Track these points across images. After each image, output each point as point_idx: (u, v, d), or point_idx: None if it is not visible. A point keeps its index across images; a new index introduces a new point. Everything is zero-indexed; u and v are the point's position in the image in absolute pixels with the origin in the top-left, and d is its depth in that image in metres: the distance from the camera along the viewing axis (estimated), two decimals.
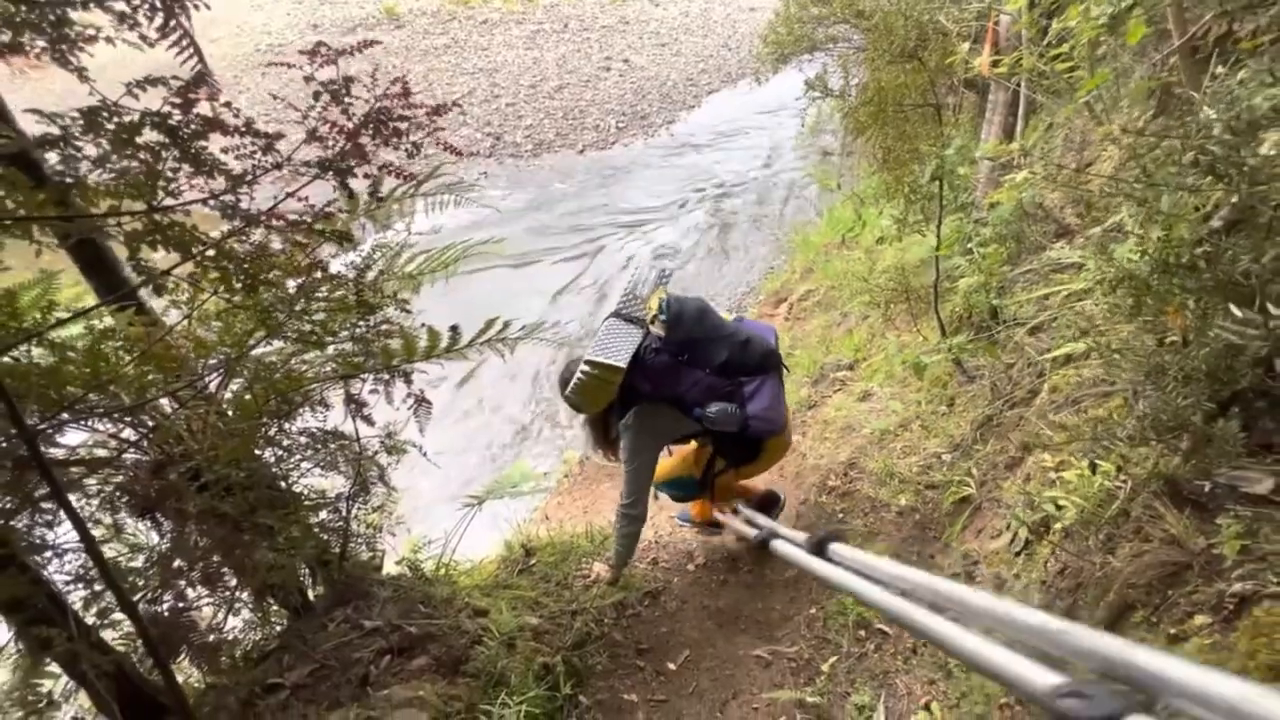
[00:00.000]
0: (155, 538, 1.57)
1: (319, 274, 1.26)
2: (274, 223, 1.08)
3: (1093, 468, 1.28)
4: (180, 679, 1.80)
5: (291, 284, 1.30)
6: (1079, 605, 1.24)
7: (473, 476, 5.96)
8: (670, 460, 2.61)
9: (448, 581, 2.17)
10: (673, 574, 2.80)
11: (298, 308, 1.32)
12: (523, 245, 9.55)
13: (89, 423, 1.28)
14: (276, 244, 1.22)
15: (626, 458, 2.34)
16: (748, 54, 14.51)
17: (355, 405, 1.80)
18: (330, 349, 1.60)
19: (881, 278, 3.67)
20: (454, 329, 1.70)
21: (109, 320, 1.30)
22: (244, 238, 1.13)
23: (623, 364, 2.12)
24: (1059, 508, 1.36)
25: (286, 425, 1.87)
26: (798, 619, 2.41)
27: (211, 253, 1.08)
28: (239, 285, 1.23)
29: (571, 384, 2.18)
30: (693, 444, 2.56)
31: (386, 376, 1.93)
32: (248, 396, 1.56)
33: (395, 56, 14.91)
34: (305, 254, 1.26)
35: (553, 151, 12.41)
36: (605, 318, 2.30)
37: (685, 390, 2.25)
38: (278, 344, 1.71)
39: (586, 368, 2.12)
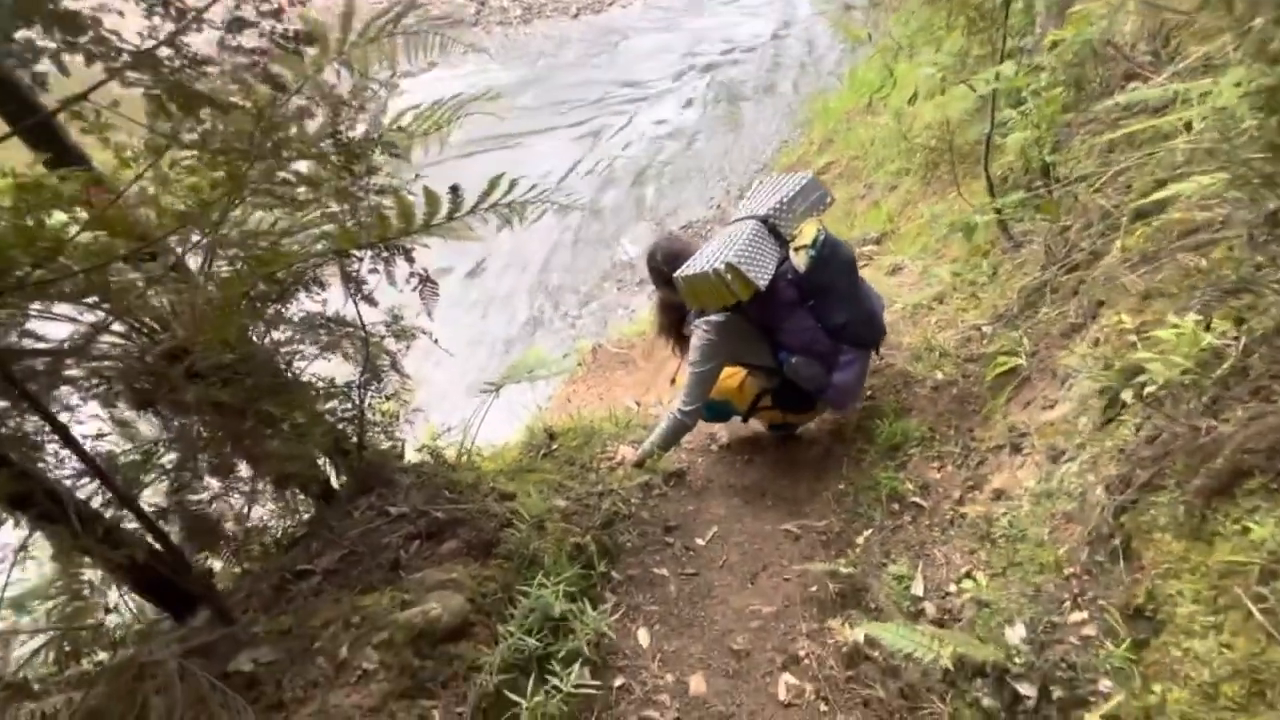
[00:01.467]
0: (156, 430, 1.47)
1: (284, 109, 1.04)
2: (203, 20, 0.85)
3: (1206, 324, 1.12)
4: (218, 566, 1.80)
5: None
6: (1166, 474, 1.13)
7: (485, 366, 5.94)
8: (722, 380, 2.42)
9: (471, 468, 2.12)
10: (696, 455, 2.76)
11: (262, 149, 1.11)
12: (517, 124, 8.93)
13: (38, 306, 1.12)
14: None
15: (696, 359, 2.23)
16: None
17: (354, 285, 1.63)
18: (318, 214, 1.41)
19: (920, 136, 3.33)
20: (454, 189, 1.50)
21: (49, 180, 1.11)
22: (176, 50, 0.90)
23: (763, 284, 1.97)
24: (1144, 371, 1.22)
25: (281, 308, 1.72)
26: (826, 494, 2.38)
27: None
28: (175, 110, 1.01)
29: (693, 271, 2.00)
30: (743, 370, 2.41)
31: (386, 253, 1.75)
32: (224, 273, 1.39)
33: None
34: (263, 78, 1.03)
35: (544, 17, 11.32)
36: (747, 216, 2.11)
37: (788, 331, 2.14)
38: (258, 215, 1.52)
39: (722, 267, 1.94)
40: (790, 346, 2.14)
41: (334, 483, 2.05)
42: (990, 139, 2.46)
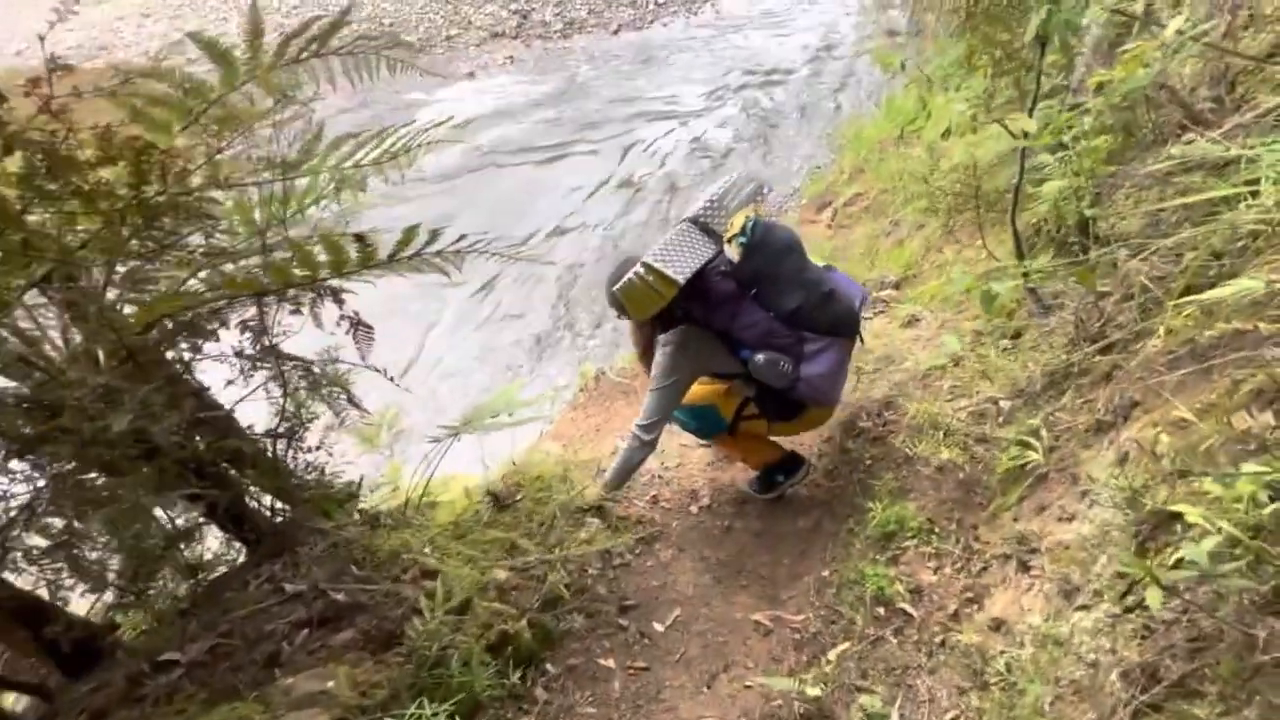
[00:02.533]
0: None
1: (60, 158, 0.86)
2: None
3: (1272, 493, 0.84)
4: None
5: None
6: (1205, 677, 0.85)
7: (490, 384, 5.79)
8: (701, 387, 2.32)
9: (404, 526, 1.92)
10: (672, 516, 2.52)
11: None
12: (552, 137, 8.88)
13: None
14: None
15: (657, 374, 2.14)
16: None
17: (254, 332, 1.46)
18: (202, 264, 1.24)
19: (947, 177, 3.04)
20: (360, 238, 1.31)
21: None
22: None
23: (680, 278, 1.86)
24: (1183, 524, 0.94)
25: (195, 347, 1.56)
26: (807, 579, 2.11)
27: None
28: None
29: (621, 282, 1.93)
30: (727, 383, 2.27)
31: (311, 295, 1.57)
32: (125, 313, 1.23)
33: None
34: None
35: (584, 32, 11.29)
36: (682, 219, 2.03)
37: (740, 327, 2.02)
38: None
39: (641, 270, 1.88)
40: (749, 343, 2.01)
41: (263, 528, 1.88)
42: (1019, 191, 2.17)
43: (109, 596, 1.56)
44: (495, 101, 10.07)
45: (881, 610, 1.82)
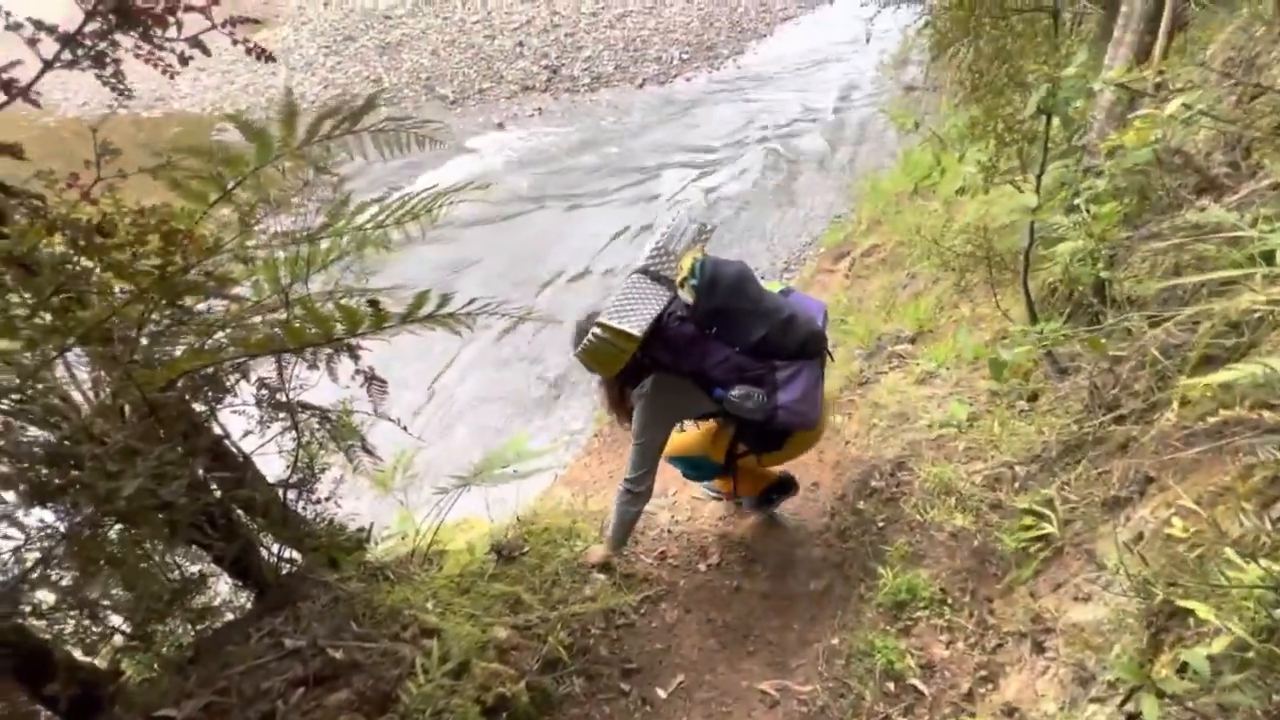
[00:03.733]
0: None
1: (98, 240, 0.92)
2: None
3: (1275, 593, 0.80)
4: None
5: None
6: None
7: (505, 428, 5.83)
8: (690, 435, 2.38)
9: (409, 581, 1.92)
10: (680, 574, 2.48)
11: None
12: (576, 186, 9.13)
13: None
14: None
15: (636, 430, 2.14)
16: None
17: (268, 390, 1.51)
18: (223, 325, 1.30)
19: (958, 238, 3.06)
20: (374, 304, 1.36)
21: None
22: None
23: (637, 332, 1.87)
24: (1195, 619, 0.91)
25: (215, 401, 1.61)
26: (817, 647, 2.05)
27: None
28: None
29: (582, 344, 1.95)
30: (714, 422, 2.29)
31: (329, 351, 1.63)
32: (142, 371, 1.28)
33: None
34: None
35: (611, 86, 11.72)
36: (631, 271, 2.04)
37: (709, 367, 1.99)
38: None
39: (598, 330, 1.89)
40: (720, 381, 1.98)
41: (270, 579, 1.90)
42: (1029, 256, 2.17)
43: (116, 641, 1.59)
44: (523, 150, 10.42)
45: (892, 685, 1.75)
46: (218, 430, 1.69)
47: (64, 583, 1.25)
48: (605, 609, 2.17)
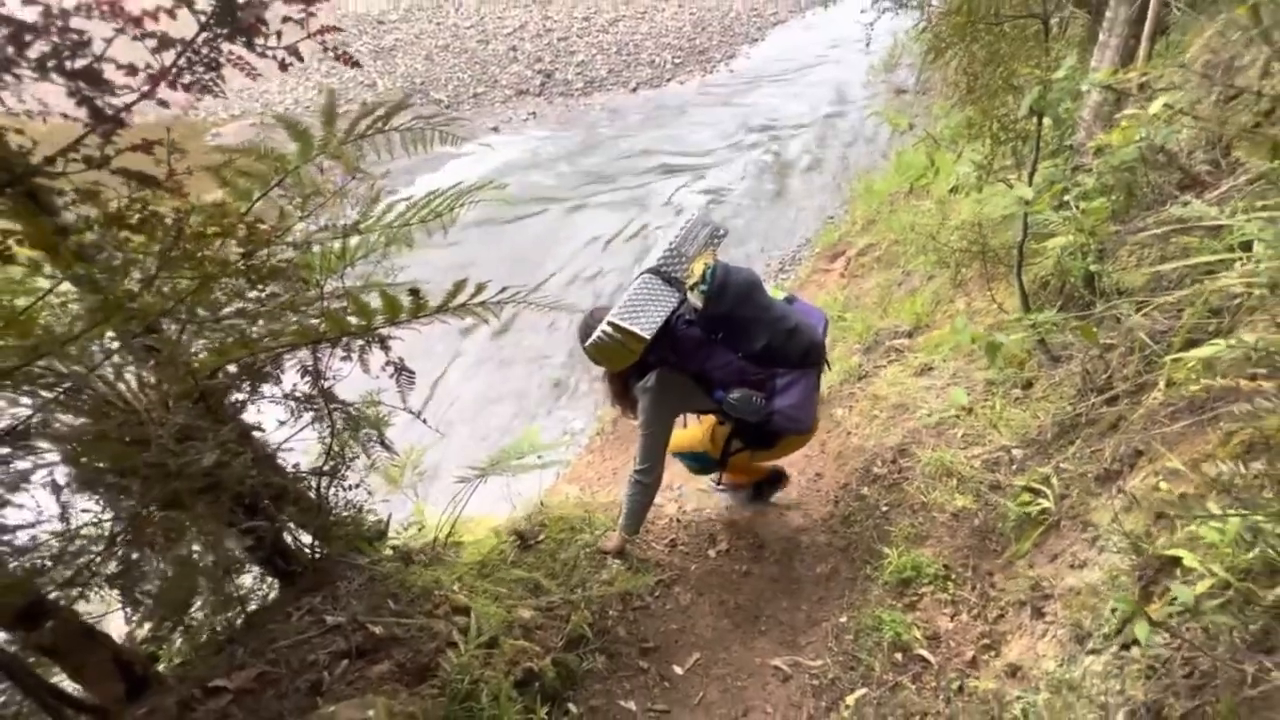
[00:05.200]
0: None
1: (177, 232, 1.00)
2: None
3: (1252, 534, 0.90)
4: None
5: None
6: (1206, 713, 0.89)
7: (507, 427, 5.88)
8: (691, 432, 2.50)
9: (437, 563, 1.99)
10: (690, 560, 2.56)
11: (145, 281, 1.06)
12: (571, 189, 9.20)
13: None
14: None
15: (642, 421, 2.21)
16: None
17: (313, 376, 1.58)
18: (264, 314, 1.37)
19: (954, 235, 3.17)
20: (414, 292, 1.44)
21: None
22: None
23: (646, 335, 1.95)
24: (1182, 569, 1.00)
25: (253, 389, 1.68)
26: (825, 625, 2.14)
27: None
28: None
29: (591, 339, 2.02)
30: (713, 418, 2.39)
31: (360, 342, 1.70)
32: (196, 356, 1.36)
33: None
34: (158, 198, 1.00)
35: (604, 90, 11.81)
36: (642, 271, 2.11)
37: (712, 370, 2.08)
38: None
39: (609, 329, 1.95)
40: (722, 383, 2.06)
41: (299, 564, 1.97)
42: (1023, 249, 2.28)
43: (146, 627, 1.65)
44: (518, 153, 10.49)
45: (899, 656, 1.84)
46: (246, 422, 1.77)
47: (112, 567, 1.31)
48: (622, 592, 2.25)
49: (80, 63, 0.81)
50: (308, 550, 1.84)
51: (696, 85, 11.68)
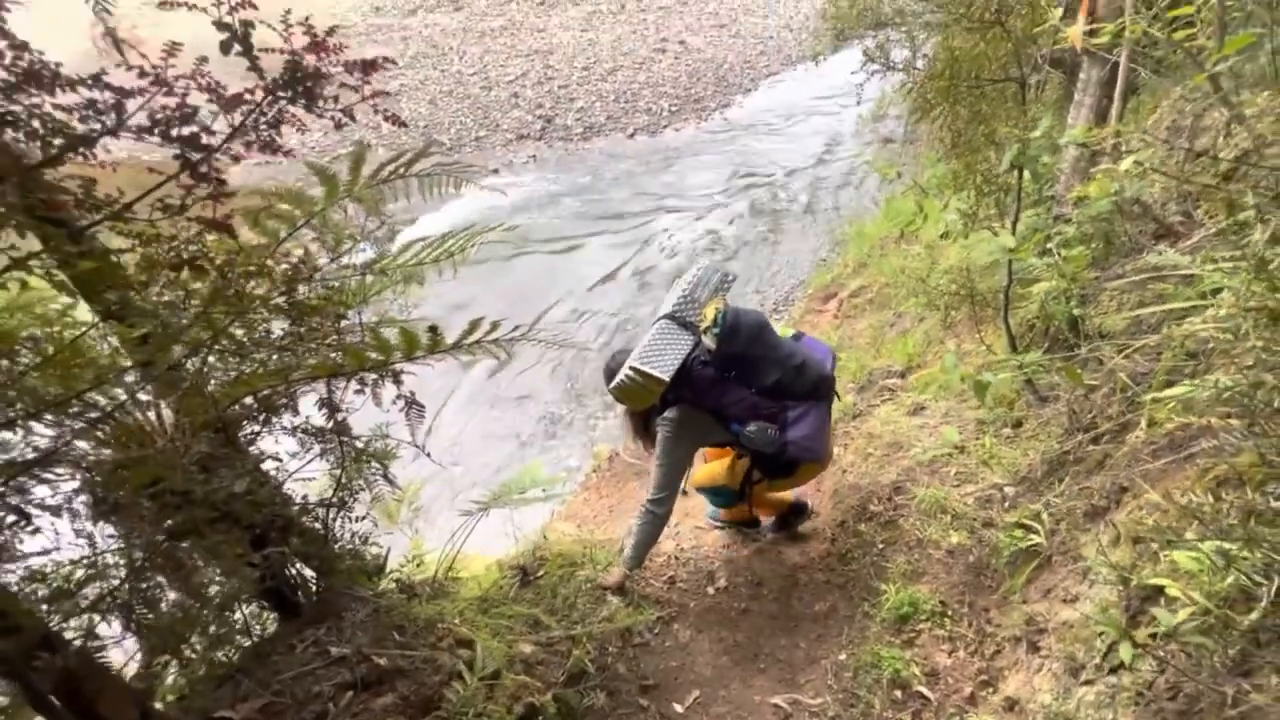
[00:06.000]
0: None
1: (235, 276, 1.08)
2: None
3: (1225, 560, 0.96)
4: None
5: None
6: None
7: (502, 464, 5.88)
8: (712, 468, 2.59)
9: (440, 596, 2.00)
10: (689, 597, 2.57)
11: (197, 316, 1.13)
12: (569, 230, 9.39)
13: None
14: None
15: (659, 453, 2.32)
16: (810, 34, 13.87)
17: (330, 409, 1.63)
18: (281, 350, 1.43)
19: (943, 278, 3.29)
20: (433, 330, 1.51)
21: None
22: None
23: (666, 376, 2.08)
24: (1166, 598, 1.05)
25: (268, 420, 1.73)
26: (825, 663, 2.14)
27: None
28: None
29: (615, 382, 2.16)
30: (732, 453, 2.49)
31: (373, 377, 1.76)
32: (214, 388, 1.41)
33: (452, 38, 14.95)
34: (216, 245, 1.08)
35: (603, 135, 12.17)
36: (659, 316, 2.25)
37: (727, 405, 2.20)
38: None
39: (630, 372, 2.09)
40: (738, 418, 2.17)
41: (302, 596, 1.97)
42: (1009, 294, 2.39)
43: (137, 662, 1.65)
44: (518, 195, 10.73)
45: (899, 694, 1.85)
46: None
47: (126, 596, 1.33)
48: (622, 629, 2.25)
49: (187, 130, 0.90)
50: (311, 582, 1.85)
51: (692, 132, 12.06)
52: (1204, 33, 1.90)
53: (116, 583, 1.27)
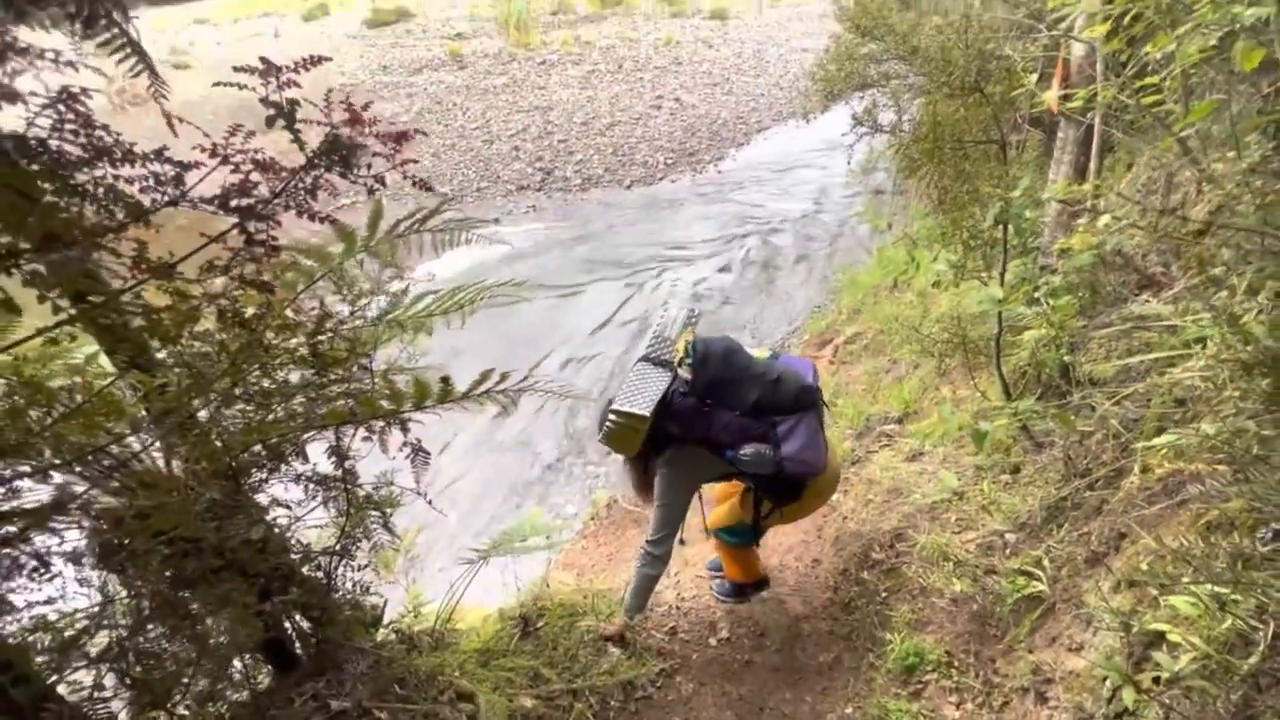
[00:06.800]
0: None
1: (263, 329, 1.13)
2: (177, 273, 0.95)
3: (1220, 604, 0.99)
4: None
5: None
6: None
7: (498, 513, 5.81)
8: (725, 507, 2.55)
9: (440, 647, 1.97)
10: (691, 648, 2.53)
11: (227, 368, 1.18)
12: (566, 277, 9.56)
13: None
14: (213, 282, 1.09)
15: (657, 494, 2.33)
16: (799, 93, 14.45)
17: (339, 457, 1.65)
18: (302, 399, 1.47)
19: (935, 326, 3.37)
20: (445, 380, 1.55)
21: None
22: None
23: (646, 412, 2.10)
24: (1168, 643, 1.06)
25: (273, 469, 1.74)
26: (830, 717, 2.11)
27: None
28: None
29: (601, 430, 2.20)
30: (738, 486, 2.47)
31: (381, 424, 1.78)
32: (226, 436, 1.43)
33: (456, 95, 15.51)
34: (258, 303, 1.13)
35: (601, 186, 12.53)
36: (635, 361, 2.30)
37: (716, 432, 2.20)
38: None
39: (613, 415, 2.13)
40: (729, 443, 2.17)
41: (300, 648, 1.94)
42: (999, 342, 2.45)
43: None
44: (518, 243, 10.94)
45: None
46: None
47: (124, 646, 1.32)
48: (623, 682, 2.21)
49: (245, 201, 0.96)
50: (309, 633, 1.83)
51: (688, 183, 12.42)
52: (1171, 97, 2.04)
53: (122, 633, 1.26)
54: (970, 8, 3.84)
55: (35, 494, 1.35)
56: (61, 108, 0.84)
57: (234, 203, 0.98)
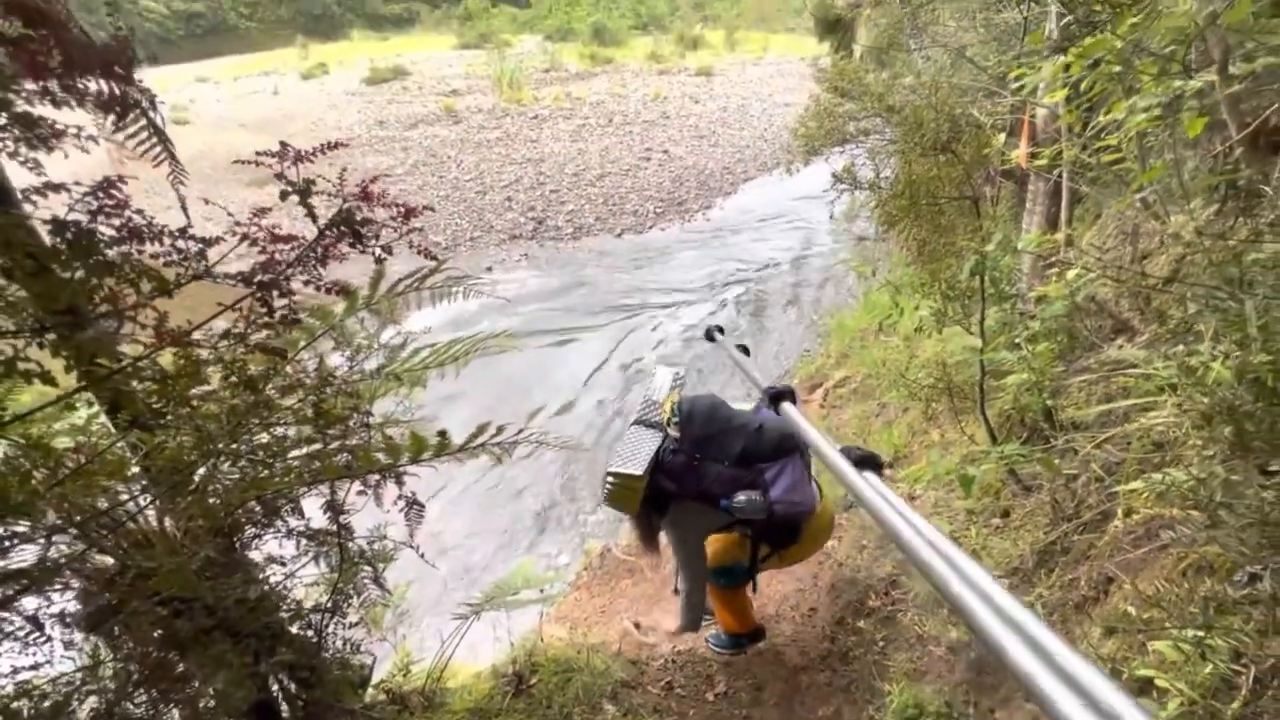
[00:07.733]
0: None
1: (270, 389, 1.16)
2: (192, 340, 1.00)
3: (1200, 651, 1.01)
4: None
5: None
6: None
7: (489, 563, 5.71)
8: (719, 547, 2.60)
9: (431, 707, 1.93)
10: (689, 704, 2.48)
11: (232, 428, 1.21)
12: (559, 323, 9.66)
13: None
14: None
15: (675, 555, 2.51)
16: (782, 145, 14.99)
17: (334, 511, 1.66)
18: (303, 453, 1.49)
19: (921, 371, 3.44)
20: (442, 434, 1.57)
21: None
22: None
23: (639, 471, 2.25)
24: (1157, 689, 1.08)
25: (266, 525, 1.74)
26: None
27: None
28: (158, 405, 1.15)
29: (602, 493, 2.35)
30: (736, 533, 2.52)
31: (376, 478, 1.80)
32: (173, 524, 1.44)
33: (450, 148, 15.94)
34: (264, 364, 1.17)
35: (592, 235, 12.79)
36: (629, 425, 2.46)
37: (708, 485, 2.31)
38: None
39: (610, 478, 2.28)
40: (722, 495, 2.27)
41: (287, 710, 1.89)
42: (983, 388, 2.52)
43: None
44: (510, 291, 11.08)
45: None
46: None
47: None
48: None
49: (268, 276, 1.02)
50: (296, 694, 1.79)
51: (677, 232, 12.72)
52: (1130, 155, 2.17)
53: (110, 698, 1.24)
54: (940, 71, 4.08)
55: (22, 554, 1.35)
56: (100, 194, 0.90)
57: (258, 279, 1.03)
